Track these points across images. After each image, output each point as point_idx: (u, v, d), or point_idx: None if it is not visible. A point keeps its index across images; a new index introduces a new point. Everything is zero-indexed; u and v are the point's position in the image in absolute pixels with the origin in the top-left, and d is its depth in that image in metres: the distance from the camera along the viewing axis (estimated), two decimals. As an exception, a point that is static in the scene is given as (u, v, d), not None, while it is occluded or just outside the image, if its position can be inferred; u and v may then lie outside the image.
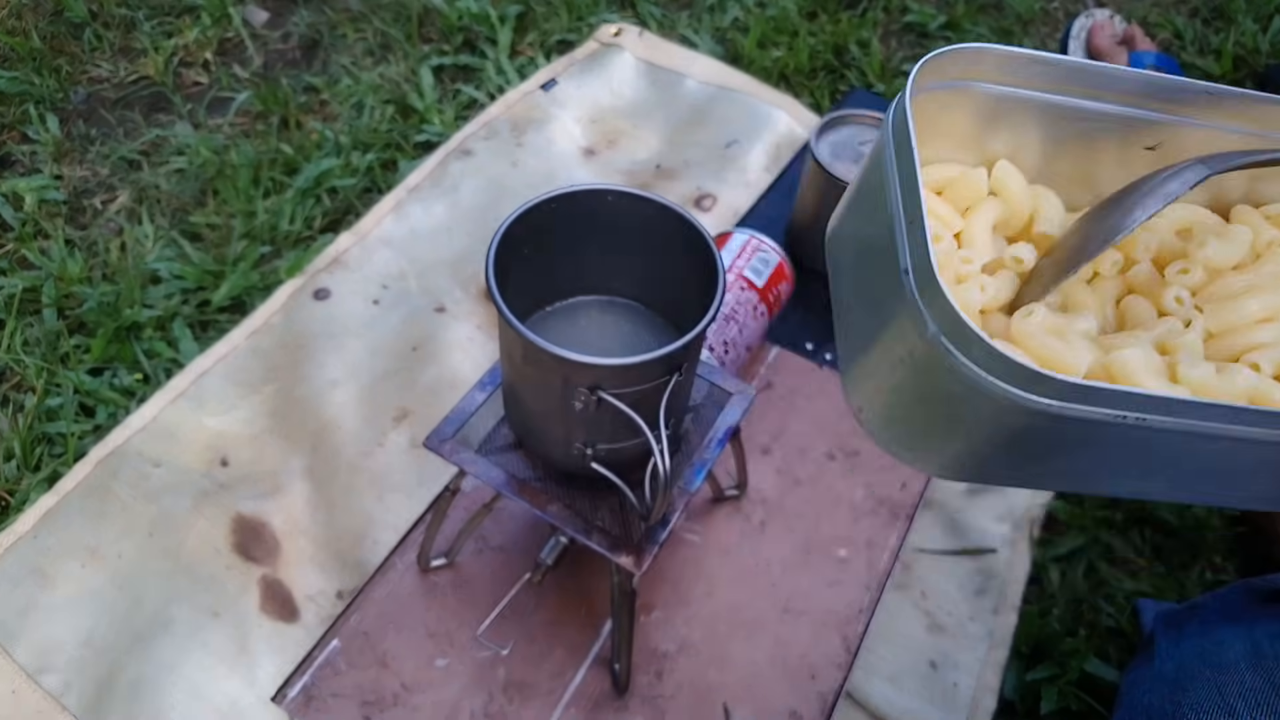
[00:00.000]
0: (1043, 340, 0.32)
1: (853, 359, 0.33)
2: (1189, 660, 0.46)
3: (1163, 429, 0.27)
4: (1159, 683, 0.47)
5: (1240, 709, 0.42)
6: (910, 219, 0.29)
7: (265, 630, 0.61)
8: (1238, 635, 0.46)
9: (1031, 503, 0.70)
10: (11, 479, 0.68)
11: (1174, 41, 1.10)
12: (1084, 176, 0.38)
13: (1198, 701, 0.44)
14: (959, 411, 0.28)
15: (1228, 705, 0.42)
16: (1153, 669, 0.48)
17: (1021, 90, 0.35)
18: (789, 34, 1.07)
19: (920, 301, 0.28)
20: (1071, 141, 0.37)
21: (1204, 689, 0.44)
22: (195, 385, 0.72)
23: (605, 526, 0.49)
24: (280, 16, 1.07)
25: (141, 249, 0.83)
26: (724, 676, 0.60)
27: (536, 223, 0.46)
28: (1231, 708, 0.42)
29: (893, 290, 0.29)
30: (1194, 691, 0.44)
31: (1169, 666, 0.47)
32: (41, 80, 0.96)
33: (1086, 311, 0.35)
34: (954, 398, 0.28)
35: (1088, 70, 0.35)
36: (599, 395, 0.42)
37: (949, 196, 0.37)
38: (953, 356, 0.27)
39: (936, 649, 0.63)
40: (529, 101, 0.95)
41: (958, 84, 0.35)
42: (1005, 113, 0.36)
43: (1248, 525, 0.70)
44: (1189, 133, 0.36)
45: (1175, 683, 0.46)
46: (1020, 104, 0.36)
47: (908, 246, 0.29)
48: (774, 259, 0.73)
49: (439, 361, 0.75)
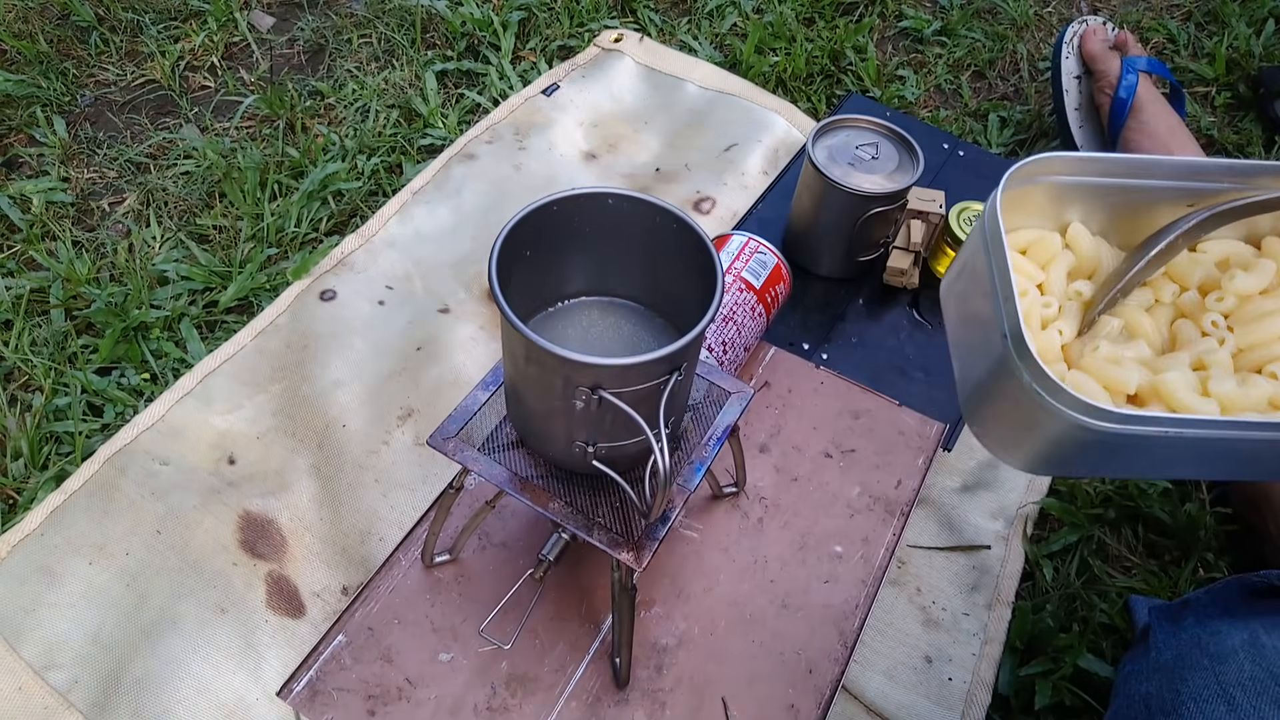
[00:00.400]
0: (1103, 369, 0.42)
1: (967, 390, 0.44)
2: (1187, 650, 0.47)
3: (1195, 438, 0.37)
4: (1157, 672, 0.47)
5: (1239, 697, 0.42)
6: (1005, 295, 0.39)
7: (271, 626, 0.62)
8: (1235, 627, 0.46)
9: (1025, 500, 0.71)
10: (19, 478, 0.69)
11: (1167, 46, 1.12)
12: (1136, 229, 0.47)
13: (1197, 690, 0.44)
14: (1046, 430, 0.39)
15: (1227, 694, 0.43)
16: (1149, 659, 0.48)
17: (1085, 178, 0.45)
18: (786, 40, 1.08)
19: (1016, 357, 0.39)
20: (1125, 207, 0.47)
21: (1203, 678, 0.44)
22: (202, 385, 0.73)
23: (606, 523, 0.50)
24: (286, 21, 1.08)
25: (149, 250, 0.84)
26: (723, 670, 0.61)
27: (538, 225, 0.47)
28: (1230, 696, 0.43)
29: (995, 344, 0.40)
30: (1193, 680, 0.44)
31: (1167, 656, 0.47)
32: (48, 83, 0.97)
33: (1139, 339, 0.44)
34: (1041, 421, 0.39)
35: (1136, 163, 0.45)
36: (600, 394, 0.43)
37: (1031, 254, 0.46)
38: (1040, 396, 0.38)
39: (931, 644, 0.64)
40: (531, 106, 0.97)
41: (1036, 180, 0.45)
42: (1073, 192, 0.46)
43: (1239, 524, 0.71)
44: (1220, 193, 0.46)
45: (1174, 672, 0.46)
46: (1085, 187, 0.46)
47: (1004, 315, 0.39)
48: (771, 260, 0.74)
49: (442, 361, 0.76)
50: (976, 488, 0.72)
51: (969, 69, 1.08)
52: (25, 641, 0.60)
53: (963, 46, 1.10)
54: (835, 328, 0.80)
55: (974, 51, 1.09)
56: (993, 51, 1.09)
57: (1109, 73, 0.91)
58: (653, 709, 0.59)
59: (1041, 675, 0.63)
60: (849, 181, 0.74)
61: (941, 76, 1.06)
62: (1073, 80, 0.95)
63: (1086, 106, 0.95)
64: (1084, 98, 0.96)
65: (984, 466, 0.73)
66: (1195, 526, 0.70)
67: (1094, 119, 0.96)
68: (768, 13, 1.12)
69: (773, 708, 0.59)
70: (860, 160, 0.76)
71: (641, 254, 0.50)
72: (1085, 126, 0.95)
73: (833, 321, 0.81)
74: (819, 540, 0.67)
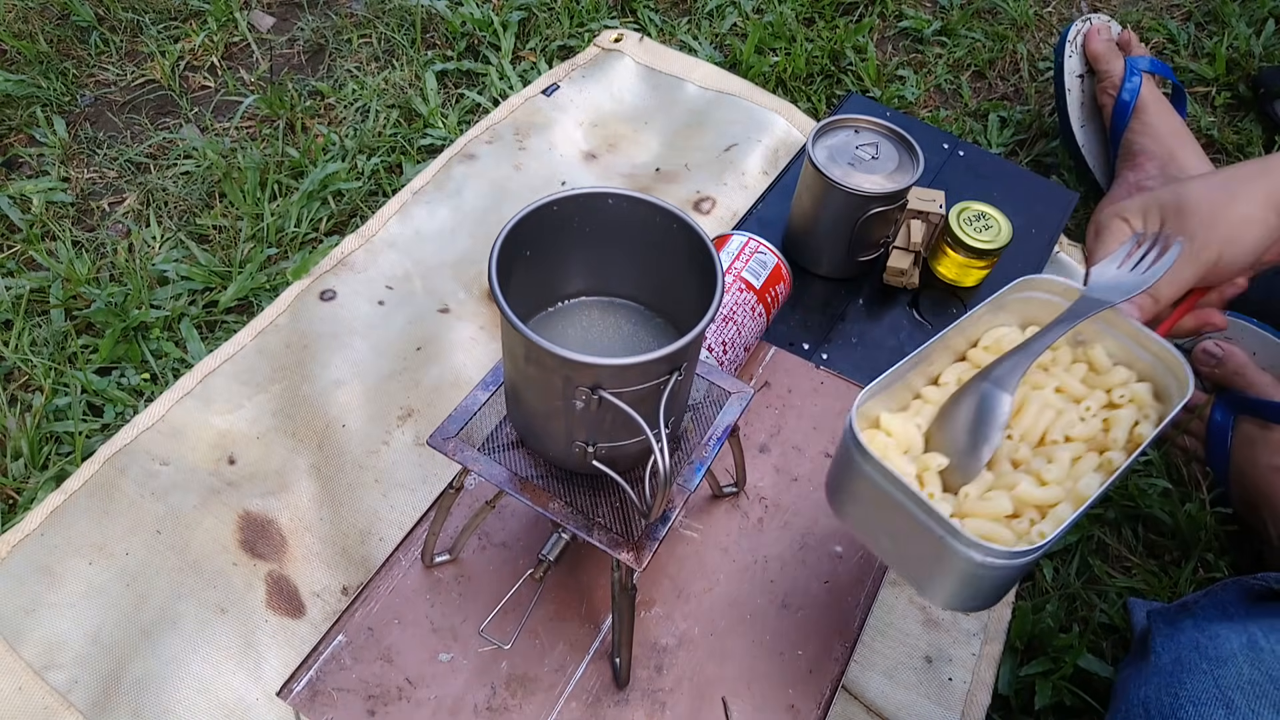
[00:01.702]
0: (974, 505, 0.48)
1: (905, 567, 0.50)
2: (1185, 654, 0.47)
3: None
4: (1156, 676, 0.47)
5: (1238, 701, 0.42)
6: (900, 491, 0.46)
7: (271, 626, 0.62)
8: (1233, 630, 0.46)
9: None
10: (19, 478, 0.69)
11: (1167, 46, 1.12)
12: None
13: (1195, 694, 0.44)
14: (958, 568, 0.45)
15: (1225, 698, 0.43)
16: (1148, 663, 0.48)
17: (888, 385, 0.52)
18: (786, 40, 1.08)
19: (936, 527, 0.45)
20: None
21: (1201, 681, 0.44)
22: (202, 385, 0.73)
23: (606, 523, 0.50)
24: (286, 21, 1.08)
25: (149, 250, 0.84)
26: (723, 670, 0.61)
27: (538, 225, 0.47)
28: (1229, 700, 0.43)
29: (917, 527, 0.46)
30: (1191, 684, 0.45)
31: (1165, 660, 0.47)
32: (48, 83, 0.97)
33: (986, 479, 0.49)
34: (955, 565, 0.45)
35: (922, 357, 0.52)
36: (600, 394, 0.43)
37: (897, 435, 0.51)
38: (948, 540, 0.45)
39: (932, 644, 0.64)
40: (531, 106, 0.97)
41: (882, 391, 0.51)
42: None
43: (1239, 525, 0.71)
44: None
45: (1172, 675, 0.46)
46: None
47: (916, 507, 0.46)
48: (771, 260, 0.74)
49: (442, 361, 0.76)
50: (977, 488, 0.72)
51: (969, 69, 1.08)
52: (25, 641, 0.60)
53: (963, 46, 1.10)
54: (835, 328, 0.80)
55: (974, 51, 1.09)
56: (993, 51, 1.09)
57: (1113, 73, 0.91)
58: (653, 709, 0.59)
59: (1041, 675, 0.63)
60: (849, 181, 0.74)
61: (941, 76, 1.06)
62: (1075, 79, 0.95)
63: (1089, 105, 0.95)
64: (1086, 96, 0.96)
65: (984, 466, 0.73)
66: (1195, 527, 0.70)
67: (1095, 118, 0.96)
68: (768, 13, 1.12)
69: (773, 708, 0.59)
70: (860, 160, 0.76)
71: (641, 254, 0.50)
72: (1087, 126, 0.95)
73: (833, 321, 0.81)
74: (819, 540, 0.67)
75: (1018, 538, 0.46)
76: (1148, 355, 0.52)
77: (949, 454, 0.49)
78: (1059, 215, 0.89)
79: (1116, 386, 0.51)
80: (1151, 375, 0.52)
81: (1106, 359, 0.53)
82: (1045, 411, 0.51)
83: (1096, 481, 0.47)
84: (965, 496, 0.48)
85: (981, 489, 0.48)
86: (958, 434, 0.49)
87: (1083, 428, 0.50)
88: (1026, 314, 0.55)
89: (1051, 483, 0.48)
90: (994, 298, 0.53)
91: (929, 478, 0.49)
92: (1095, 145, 0.95)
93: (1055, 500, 0.47)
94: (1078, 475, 0.48)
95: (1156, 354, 0.51)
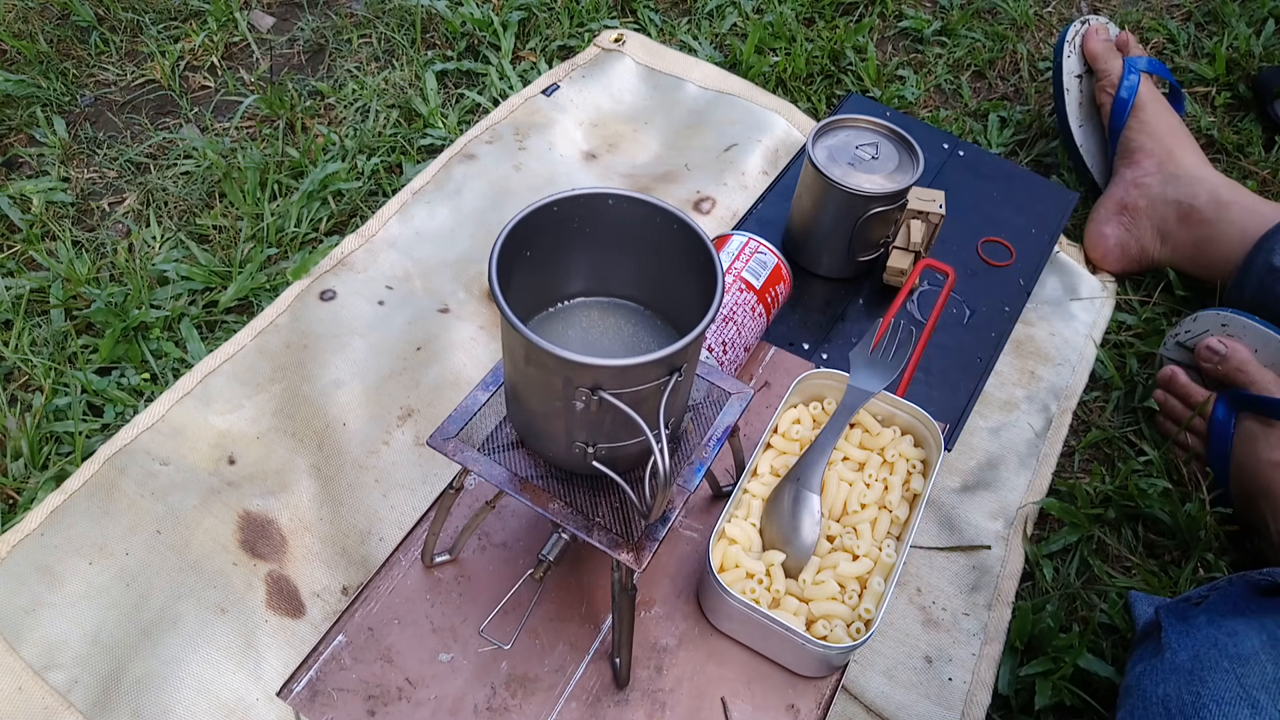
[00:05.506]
0: (811, 590, 0.59)
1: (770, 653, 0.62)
2: (1204, 651, 0.46)
3: None
4: (1174, 674, 0.46)
5: (1263, 700, 0.42)
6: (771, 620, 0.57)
7: (271, 626, 0.62)
8: (1251, 627, 0.46)
9: (1025, 500, 0.71)
10: (19, 478, 0.69)
11: (1167, 46, 1.12)
12: None
13: (1218, 693, 0.43)
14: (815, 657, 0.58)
15: (1250, 697, 0.42)
16: (1164, 660, 0.48)
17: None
18: (786, 40, 1.08)
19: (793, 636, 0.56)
20: None
21: (1224, 680, 0.44)
22: (202, 385, 0.73)
23: (606, 524, 0.50)
24: (286, 21, 1.08)
25: (149, 250, 0.84)
26: (723, 671, 0.61)
27: (538, 225, 0.47)
28: (1254, 699, 0.42)
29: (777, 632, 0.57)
30: (1213, 683, 0.44)
31: (1183, 657, 0.47)
32: (48, 83, 0.97)
33: (815, 562, 0.61)
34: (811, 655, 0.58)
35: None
36: (600, 395, 0.43)
37: (739, 539, 0.61)
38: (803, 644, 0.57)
39: (931, 644, 0.64)
40: (531, 106, 0.97)
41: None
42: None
43: (1239, 523, 0.71)
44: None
45: (1192, 674, 0.45)
46: None
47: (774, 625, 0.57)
48: (771, 261, 0.74)
49: (442, 361, 0.76)
50: (976, 488, 0.72)
51: (969, 69, 1.08)
52: (25, 641, 0.60)
53: (963, 46, 1.10)
54: (835, 328, 0.80)
55: (974, 51, 1.09)
56: (993, 51, 1.09)
57: (1111, 72, 0.91)
58: (653, 709, 0.59)
59: (1041, 675, 0.63)
60: (849, 181, 0.74)
61: (941, 76, 1.06)
62: (1074, 79, 0.95)
63: (1087, 105, 0.96)
64: (1085, 96, 0.96)
65: (984, 466, 0.73)
66: (1195, 526, 0.70)
67: (1094, 118, 0.96)
68: (768, 13, 1.12)
69: (773, 708, 0.59)
70: (860, 160, 0.76)
71: (641, 254, 0.50)
72: (1085, 125, 0.96)
73: (833, 321, 0.81)
74: (819, 540, 0.67)
75: (851, 610, 0.58)
76: (903, 413, 0.65)
77: (782, 546, 0.60)
78: (1059, 215, 0.90)
79: (888, 446, 0.65)
80: (910, 428, 0.66)
81: (875, 422, 0.66)
82: (841, 486, 0.63)
83: (893, 548, 0.60)
84: (804, 583, 0.59)
85: (813, 572, 0.59)
86: (785, 528, 0.60)
87: (870, 493, 0.62)
88: (809, 393, 0.67)
89: (862, 556, 0.60)
90: (786, 396, 0.65)
91: (775, 571, 0.59)
92: (1093, 145, 0.96)
93: (866, 571, 0.59)
94: (879, 540, 0.61)
95: (909, 411, 0.65)
